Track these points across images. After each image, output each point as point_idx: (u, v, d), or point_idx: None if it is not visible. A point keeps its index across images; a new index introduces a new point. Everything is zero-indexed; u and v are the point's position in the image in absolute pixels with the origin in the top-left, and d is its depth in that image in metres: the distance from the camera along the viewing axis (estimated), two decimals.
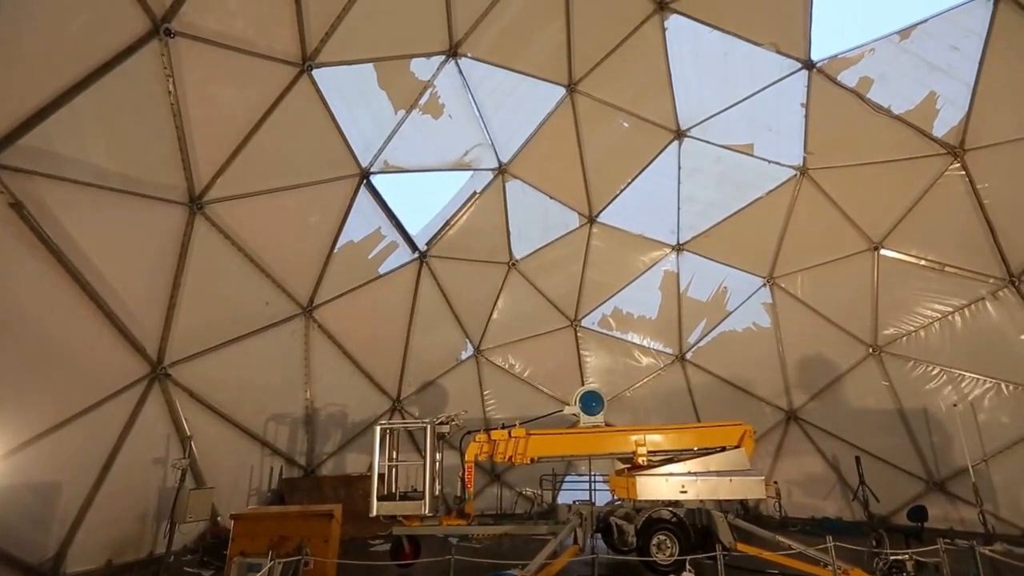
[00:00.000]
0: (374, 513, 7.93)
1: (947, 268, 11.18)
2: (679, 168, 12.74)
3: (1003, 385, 10.64)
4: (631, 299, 14.15)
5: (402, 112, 10.73)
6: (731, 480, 7.91)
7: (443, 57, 10.52)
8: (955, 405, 10.89)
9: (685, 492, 7.89)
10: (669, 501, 8.00)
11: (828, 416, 12.69)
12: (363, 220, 11.27)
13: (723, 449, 8.20)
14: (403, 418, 12.67)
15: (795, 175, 12.11)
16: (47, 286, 6.84)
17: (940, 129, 10.31)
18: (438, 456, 8.49)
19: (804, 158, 11.87)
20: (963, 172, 10.33)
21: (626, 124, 12.24)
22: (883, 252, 11.89)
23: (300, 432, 11.15)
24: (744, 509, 12.61)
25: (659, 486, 7.95)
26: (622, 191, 13.09)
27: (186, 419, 8.82)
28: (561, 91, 11.59)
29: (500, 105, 11.56)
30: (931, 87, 10.11)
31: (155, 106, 7.54)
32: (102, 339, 7.59)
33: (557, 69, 11.31)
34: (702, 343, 14.05)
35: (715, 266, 13.50)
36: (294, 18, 8.38)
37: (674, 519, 7.89)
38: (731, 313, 13.71)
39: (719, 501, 8.34)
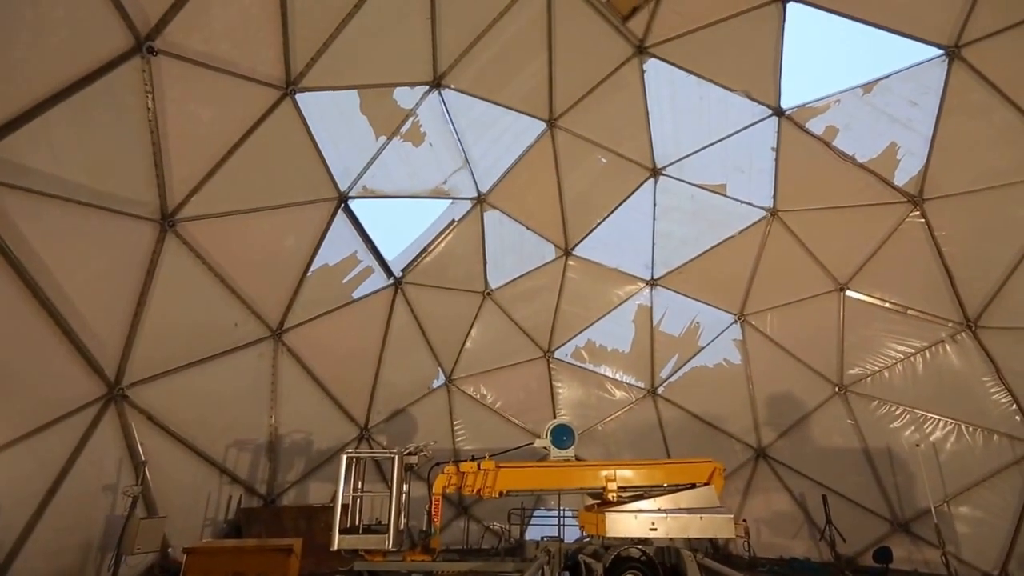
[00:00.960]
0: (335, 547, 7.59)
1: (909, 311, 11.58)
2: (655, 205, 13.03)
3: (963, 426, 10.93)
4: (605, 332, 14.22)
5: (383, 138, 10.80)
6: (701, 518, 7.84)
7: (427, 87, 10.68)
8: (918, 445, 11.13)
9: (655, 529, 7.78)
10: (638, 539, 7.87)
11: (796, 454, 12.82)
12: (339, 244, 11.18)
13: (693, 486, 8.16)
14: (371, 447, 12.34)
15: (766, 216, 12.50)
16: (1, 298, 6.56)
17: (901, 178, 10.81)
18: (405, 488, 8.25)
19: (774, 200, 12.27)
20: (923, 220, 10.82)
21: (604, 160, 12.53)
22: (849, 293, 12.27)
23: (262, 459, 10.75)
24: (714, 548, 12.51)
25: (629, 523, 7.83)
26: (598, 225, 13.29)
27: (142, 443, 8.44)
28: (541, 125, 11.84)
29: (481, 136, 11.74)
30: (892, 138, 10.64)
31: (132, 122, 7.44)
32: (57, 357, 7.28)
33: (538, 104, 11.58)
34: (674, 378, 14.13)
35: (688, 302, 13.71)
36: (280, 41, 8.45)
37: (643, 557, 7.76)
38: (703, 349, 13.87)
39: (689, 539, 8.25)
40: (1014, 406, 10.26)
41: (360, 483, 8.43)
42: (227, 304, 9.73)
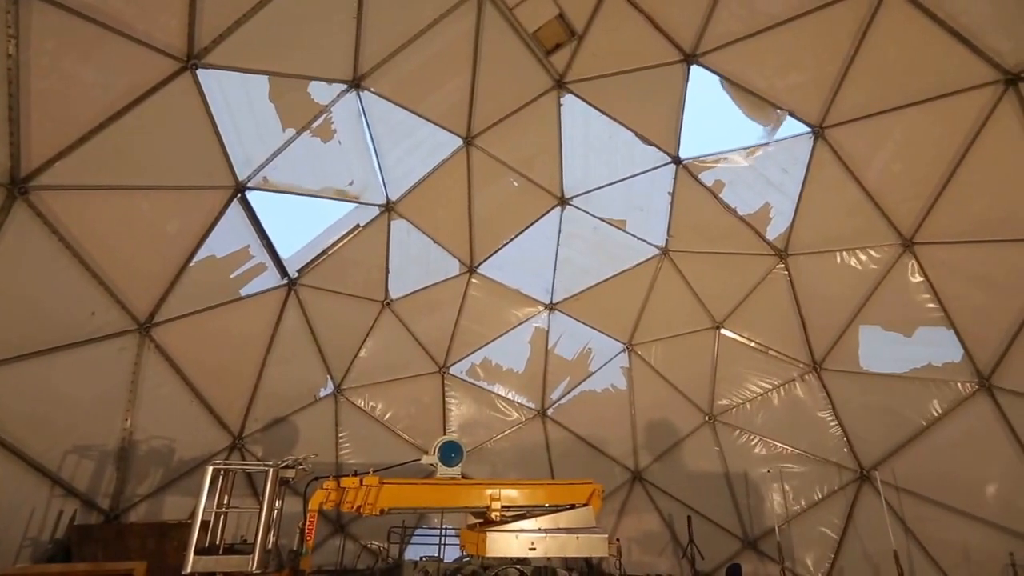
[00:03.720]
0: (188, 569, 6.81)
1: (770, 351, 13.01)
2: (559, 232, 13.56)
3: (805, 455, 12.42)
4: (501, 351, 14.40)
5: (291, 131, 10.25)
6: (578, 538, 8.11)
7: (345, 86, 10.35)
8: (767, 471, 12.48)
9: (534, 549, 7.91)
10: (517, 558, 7.97)
11: (667, 477, 13.76)
12: (230, 236, 10.33)
13: (573, 506, 8.44)
14: (243, 458, 11.37)
15: (658, 254, 13.49)
16: None
17: (772, 234, 12.21)
18: (278, 504, 7.68)
19: (667, 240, 13.30)
20: (786, 272, 12.28)
21: (516, 183, 12.86)
22: (723, 332, 13.54)
23: (109, 468, 9.48)
24: (588, 566, 12.97)
25: (509, 542, 7.89)
26: (504, 246, 13.54)
27: None
28: (458, 142, 11.92)
29: (396, 144, 11.55)
30: (767, 198, 12.01)
31: None
32: None
33: (457, 120, 11.65)
34: (564, 400, 14.62)
35: (582, 328, 14.33)
36: (186, 10, 7.78)
37: None
38: (593, 374, 14.52)
39: (565, 559, 8.50)
40: (844, 439, 11.85)
41: (227, 498, 7.71)
42: (85, 289, 8.58)
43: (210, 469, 7.33)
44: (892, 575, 9.94)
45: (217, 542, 7.20)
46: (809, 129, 10.69)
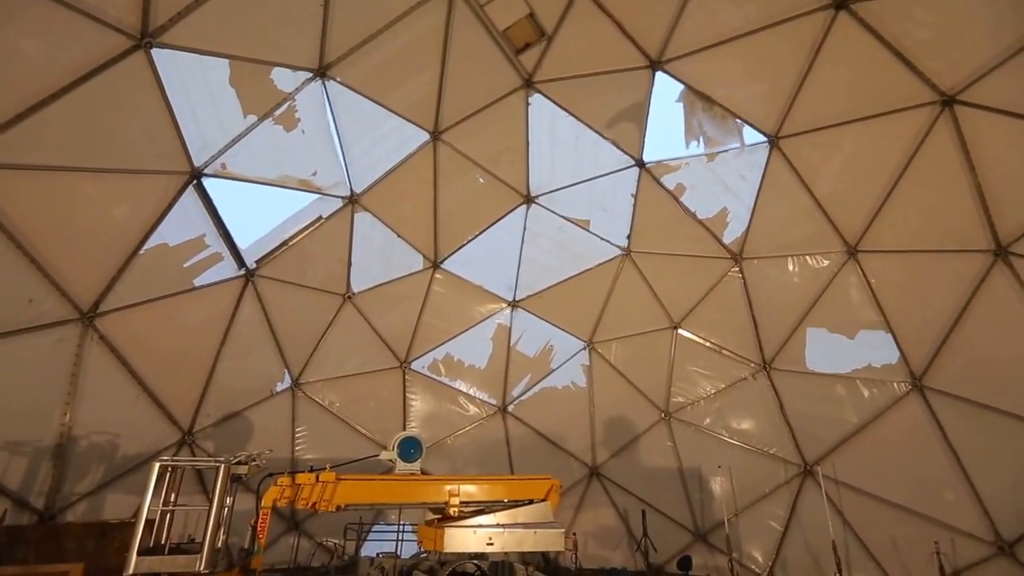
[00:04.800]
0: (130, 571, 6.53)
1: (724, 351, 13.48)
2: (524, 230, 13.64)
3: (754, 452, 12.95)
4: (464, 347, 14.39)
5: (252, 118, 9.95)
6: (535, 533, 8.22)
7: (310, 75, 10.11)
8: (719, 467, 12.97)
9: (491, 544, 7.97)
10: (475, 554, 8.01)
11: (624, 472, 14.09)
12: (184, 223, 9.95)
13: (531, 502, 8.55)
14: (193, 454, 10.99)
15: (620, 254, 13.77)
16: None
17: (728, 238, 12.64)
18: (228, 501, 7.47)
19: (628, 240, 13.59)
20: (740, 275, 12.75)
21: (482, 180, 12.86)
22: (680, 331, 13.94)
23: (44, 466, 8.98)
24: (545, 561, 13.16)
25: (467, 538, 7.93)
26: (468, 242, 13.52)
27: None
28: (425, 136, 11.83)
29: (362, 135, 11.37)
30: (725, 204, 12.43)
31: None
32: None
33: (424, 114, 11.56)
34: (525, 396, 14.75)
35: (544, 325, 14.48)
36: None
37: (477, 572, 7.92)
38: (554, 371, 14.70)
39: (522, 553, 8.60)
40: (790, 435, 12.42)
41: (174, 495, 7.44)
42: (21, 275, 8.12)
43: (156, 466, 7.05)
44: (830, 564, 10.52)
45: (163, 542, 6.95)
46: (765, 138, 11.13)
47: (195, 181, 9.71)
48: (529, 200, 13.34)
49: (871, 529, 11.09)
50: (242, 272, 11.26)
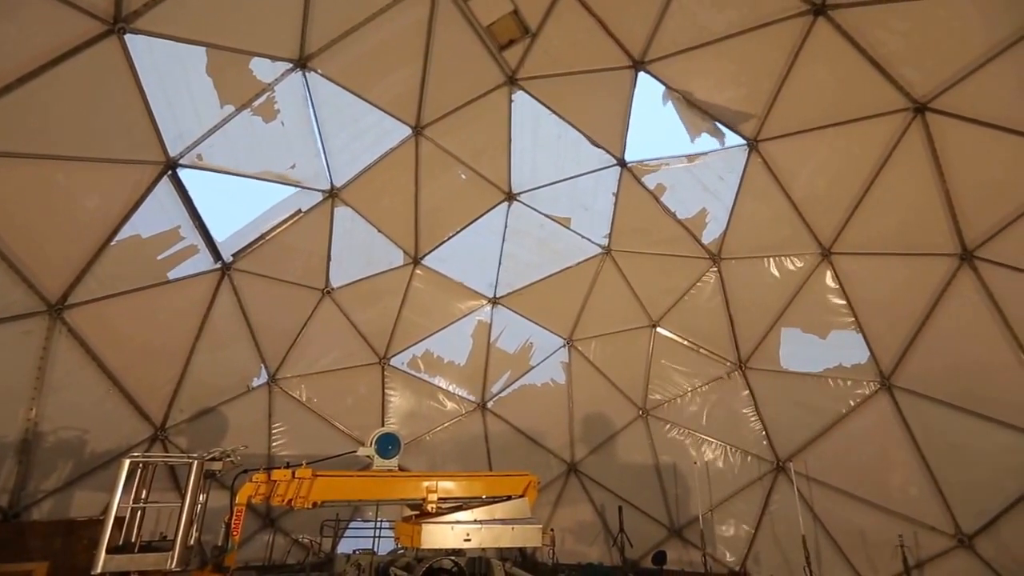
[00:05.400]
0: (98, 569, 6.38)
1: (701, 350, 13.69)
2: (505, 227, 13.66)
3: (728, 449, 13.19)
4: (443, 343, 14.37)
5: (230, 108, 9.76)
6: (513, 528, 8.27)
7: (290, 65, 9.95)
8: (695, 463, 13.18)
9: (469, 540, 7.99)
10: (452, 550, 8.02)
11: (601, 469, 14.24)
12: (159, 215, 9.73)
13: (509, 498, 8.59)
14: (166, 450, 10.78)
15: (601, 252, 13.87)
16: None
17: (707, 238, 12.82)
18: (202, 498, 7.36)
19: (609, 239, 13.69)
20: (718, 275, 12.95)
21: (464, 176, 12.82)
22: (659, 330, 14.12)
23: (9, 462, 8.74)
24: (522, 556, 13.24)
25: (444, 534, 7.94)
26: (450, 238, 13.48)
27: None
28: (407, 130, 11.73)
29: (343, 128, 11.23)
30: (704, 204, 12.60)
31: None
32: None
33: (407, 109, 11.47)
34: (504, 393, 14.79)
35: (524, 322, 14.52)
36: None
37: (455, 568, 7.93)
38: (533, 368, 14.77)
39: (500, 549, 8.64)
40: (764, 433, 12.68)
41: (145, 492, 7.30)
42: None
43: (127, 462, 6.91)
44: (799, 558, 10.79)
45: (133, 539, 6.81)
46: (744, 141, 11.30)
47: (170, 172, 9.49)
48: (511, 197, 13.34)
49: (840, 524, 11.39)
50: (218, 265, 11.05)
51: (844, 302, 11.22)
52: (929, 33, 8.56)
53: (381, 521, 11.77)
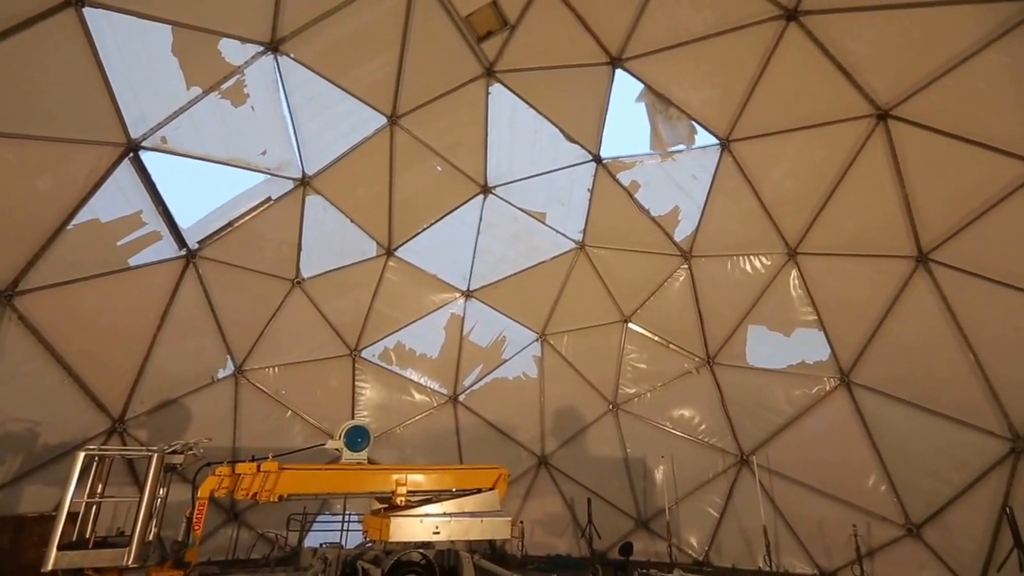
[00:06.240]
0: (49, 566, 6.11)
1: (671, 345, 13.94)
2: (480, 220, 13.60)
3: (696, 442, 13.49)
4: (416, 336, 14.27)
5: (197, 90, 9.42)
6: (482, 521, 8.29)
7: (261, 48, 9.65)
8: (662, 457, 13.45)
9: (438, 533, 7.99)
10: (421, 543, 8.00)
11: (571, 462, 14.40)
12: (119, 199, 9.35)
13: (479, 491, 8.61)
14: (125, 442, 10.44)
15: (575, 248, 13.95)
16: None
17: (679, 235, 13.02)
18: (162, 492, 7.14)
19: (583, 235, 13.78)
20: (689, 272, 13.19)
21: (439, 168, 12.70)
22: (630, 325, 14.31)
23: None
24: (492, 549, 13.31)
25: (413, 527, 7.91)
26: (424, 230, 13.36)
27: None
28: (382, 120, 11.54)
29: (315, 115, 10.96)
30: (677, 202, 12.78)
31: None
32: None
33: (382, 98, 11.28)
34: (476, 387, 14.79)
35: (498, 316, 14.53)
36: None
37: (423, 561, 7.91)
38: (506, 361, 14.80)
39: (469, 542, 8.66)
40: (729, 427, 13.01)
41: (101, 487, 7.05)
42: None
43: (81, 455, 6.66)
44: (760, 547, 11.15)
45: (87, 535, 6.57)
46: (717, 141, 11.49)
47: (131, 154, 9.12)
48: (486, 190, 13.28)
49: (799, 514, 11.80)
50: (183, 253, 10.71)
51: (808, 301, 11.56)
52: (893, 43, 8.85)
53: (350, 514, 11.65)
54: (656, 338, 14.11)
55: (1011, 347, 9.01)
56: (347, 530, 11.23)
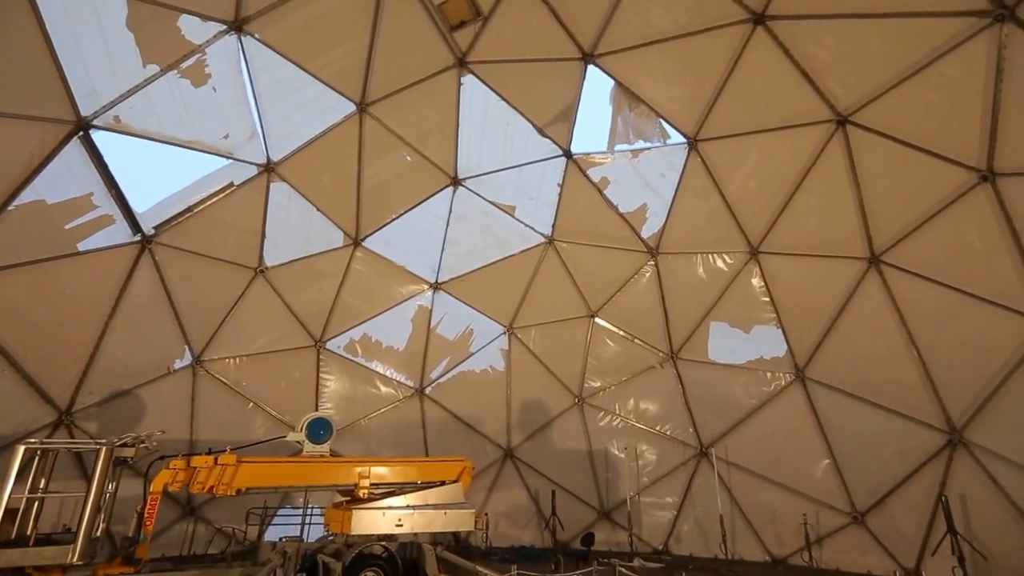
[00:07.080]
0: None
1: (636, 340, 14.18)
2: (450, 212, 13.51)
3: (657, 435, 13.80)
4: (382, 328, 14.09)
5: (154, 68, 9.02)
6: (445, 513, 8.31)
7: (224, 27, 9.30)
8: (625, 449, 13.71)
9: (401, 525, 7.97)
10: (383, 535, 7.96)
11: (537, 454, 14.53)
12: (67, 180, 8.91)
13: (443, 483, 8.61)
14: (72, 435, 9.99)
15: (544, 242, 14.01)
16: None
17: (646, 232, 13.23)
18: (111, 486, 6.89)
19: (552, 229, 13.84)
20: (655, 268, 13.42)
21: (409, 158, 12.53)
22: (597, 320, 14.48)
23: None
24: (455, 541, 13.34)
25: (375, 520, 7.87)
26: (392, 221, 13.18)
27: None
28: (351, 107, 11.30)
29: (281, 99, 10.65)
30: (645, 200, 12.97)
31: None
32: None
33: (351, 84, 11.04)
34: (443, 379, 14.73)
35: (466, 309, 14.49)
36: None
37: (385, 554, 7.87)
38: (473, 354, 14.79)
39: (433, 534, 8.66)
40: (690, 420, 13.35)
41: (44, 481, 6.75)
42: None
43: (22, 449, 6.38)
44: (716, 535, 11.52)
45: (28, 532, 6.30)
46: (685, 140, 11.69)
47: (81, 133, 8.68)
48: (456, 182, 13.18)
49: (753, 504, 12.23)
50: (137, 238, 10.28)
51: (768, 299, 11.93)
52: (854, 51, 9.15)
53: (312, 508, 11.47)
54: (622, 333, 14.33)
55: (952, 346, 9.50)
56: (309, 524, 11.05)
